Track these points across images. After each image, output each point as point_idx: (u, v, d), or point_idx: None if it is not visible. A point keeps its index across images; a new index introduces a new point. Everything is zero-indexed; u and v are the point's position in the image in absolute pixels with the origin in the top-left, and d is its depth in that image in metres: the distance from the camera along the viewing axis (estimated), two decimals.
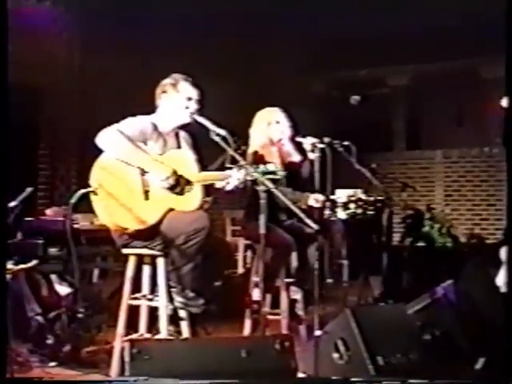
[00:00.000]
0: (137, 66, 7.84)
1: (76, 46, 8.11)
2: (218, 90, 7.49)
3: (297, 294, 5.06)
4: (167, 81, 4.29)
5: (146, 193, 4.04)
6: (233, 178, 4.07)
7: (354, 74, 11.35)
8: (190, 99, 4.23)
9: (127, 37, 7.73)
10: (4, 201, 3.39)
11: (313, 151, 4.94)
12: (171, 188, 4.04)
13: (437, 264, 7.18)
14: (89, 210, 4.10)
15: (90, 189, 3.98)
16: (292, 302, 5.06)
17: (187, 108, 4.21)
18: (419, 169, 11.47)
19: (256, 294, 4.84)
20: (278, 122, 5.18)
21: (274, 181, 3.87)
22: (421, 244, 8.20)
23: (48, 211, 5.96)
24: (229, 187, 4.13)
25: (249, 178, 3.98)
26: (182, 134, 4.37)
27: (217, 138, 3.90)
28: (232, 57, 9.11)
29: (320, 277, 4.22)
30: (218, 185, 4.15)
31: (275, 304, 5.05)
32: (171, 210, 4.02)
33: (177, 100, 4.23)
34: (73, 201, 3.94)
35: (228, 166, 4.04)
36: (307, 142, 5.01)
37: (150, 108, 4.31)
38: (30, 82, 7.37)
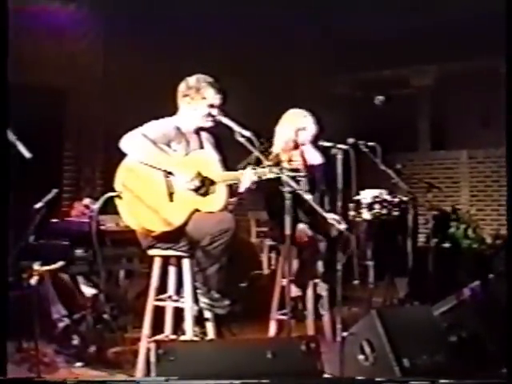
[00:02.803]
0: (162, 67, 7.85)
1: (101, 46, 8.15)
2: (241, 90, 7.48)
3: (322, 291, 5.02)
4: (192, 83, 4.23)
5: (171, 195, 4.05)
6: (245, 179, 4.05)
7: (378, 75, 11.29)
8: (212, 106, 4.21)
9: (151, 37, 7.77)
10: (5, 203, 3.39)
11: (336, 153, 4.92)
12: (196, 189, 4.04)
13: (463, 265, 7.13)
14: (115, 211, 4.11)
15: (114, 193, 3.99)
16: (316, 298, 5.02)
17: (209, 114, 4.20)
18: (444, 169, 11.38)
19: (294, 290, 4.82)
20: (305, 129, 5.13)
21: (297, 181, 3.86)
22: (446, 245, 8.14)
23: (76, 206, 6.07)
24: (240, 189, 4.12)
25: (271, 176, 3.96)
26: (204, 134, 4.36)
27: (242, 140, 3.89)
28: (254, 57, 9.09)
29: (345, 278, 4.20)
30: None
31: None
32: (196, 211, 4.03)
33: (199, 106, 4.20)
34: (98, 206, 3.96)
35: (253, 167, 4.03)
36: (328, 145, 4.99)
37: (174, 109, 4.31)
38: (55, 83, 7.44)
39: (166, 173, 4.05)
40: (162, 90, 4.92)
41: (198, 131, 4.31)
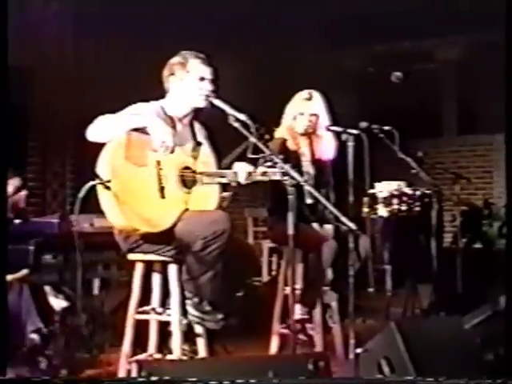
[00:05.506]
0: (143, 45, 7.84)
1: (71, 22, 8.12)
2: (234, 69, 7.48)
3: (332, 300, 5.03)
4: (175, 60, 4.29)
5: (162, 190, 3.99)
6: (240, 172, 4.11)
7: (395, 47, 11.29)
8: (202, 79, 4.23)
9: (131, 12, 7.72)
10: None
11: (346, 140, 4.93)
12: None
13: (497, 269, 7.14)
14: (89, 209, 4.08)
15: (101, 181, 3.81)
16: (325, 308, 5.03)
17: (200, 89, 4.21)
18: (474, 157, 11.40)
19: (298, 311, 4.83)
20: (303, 114, 5.16)
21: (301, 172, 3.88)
22: (478, 246, 8.17)
23: None
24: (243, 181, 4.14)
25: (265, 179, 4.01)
26: (197, 125, 4.38)
27: (236, 124, 3.90)
28: (248, 29, 9.05)
29: (358, 285, 4.22)
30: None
31: None
32: (187, 210, 4.04)
33: (187, 81, 4.23)
34: (81, 195, 3.79)
35: (250, 156, 4.04)
36: (337, 130, 5.00)
37: (158, 93, 4.33)
38: (15, 59, 7.40)
39: (157, 163, 3.98)
40: (146, 71, 4.93)
41: (190, 119, 4.32)
